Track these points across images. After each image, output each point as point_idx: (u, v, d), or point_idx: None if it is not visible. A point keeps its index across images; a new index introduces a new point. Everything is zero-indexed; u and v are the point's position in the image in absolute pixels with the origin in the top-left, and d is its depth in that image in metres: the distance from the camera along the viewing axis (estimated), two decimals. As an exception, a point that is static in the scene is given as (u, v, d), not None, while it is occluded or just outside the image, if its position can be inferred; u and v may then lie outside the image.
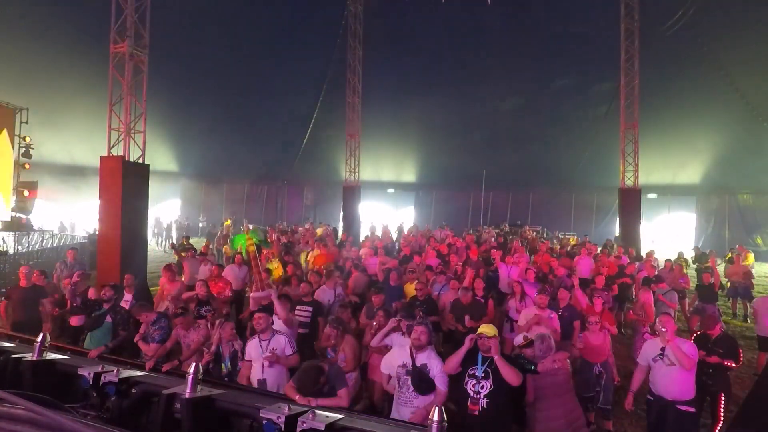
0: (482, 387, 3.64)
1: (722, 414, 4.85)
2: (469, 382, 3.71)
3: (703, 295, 8.50)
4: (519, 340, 4.57)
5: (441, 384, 3.78)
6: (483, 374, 3.67)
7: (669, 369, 4.22)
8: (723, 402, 4.87)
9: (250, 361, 4.39)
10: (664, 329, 4.27)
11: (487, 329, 3.83)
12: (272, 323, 4.59)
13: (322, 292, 6.71)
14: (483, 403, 3.60)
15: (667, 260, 10.90)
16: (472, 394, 3.65)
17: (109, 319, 5.67)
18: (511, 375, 3.54)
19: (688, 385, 4.23)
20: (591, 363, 5.16)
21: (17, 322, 6.28)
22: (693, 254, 13.51)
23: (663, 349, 4.29)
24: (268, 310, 4.78)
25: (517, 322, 6.00)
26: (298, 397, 3.30)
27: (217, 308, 6.26)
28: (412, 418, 3.60)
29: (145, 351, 5.13)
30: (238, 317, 7.32)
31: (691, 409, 4.20)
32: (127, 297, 6.56)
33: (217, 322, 4.94)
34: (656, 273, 9.10)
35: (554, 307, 5.93)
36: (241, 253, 7.84)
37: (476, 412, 3.60)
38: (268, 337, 4.36)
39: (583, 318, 6.17)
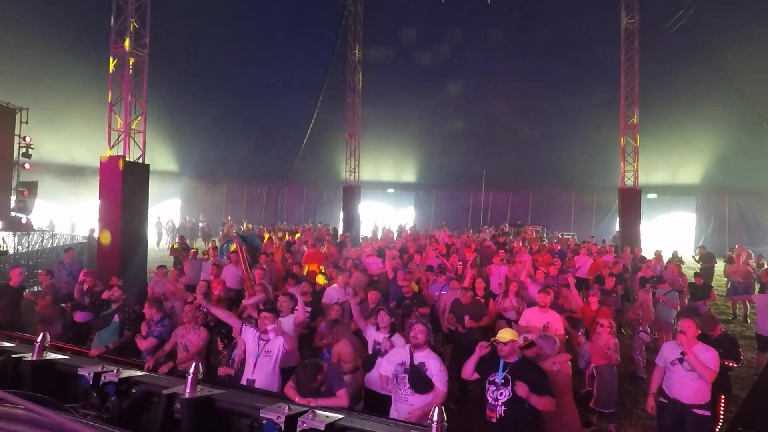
0: (501, 394, 3.56)
1: (722, 414, 4.85)
2: (490, 388, 3.65)
3: (695, 294, 8.63)
4: (519, 341, 4.56)
5: (439, 383, 3.76)
6: (502, 381, 3.59)
7: (687, 374, 4.11)
8: (723, 402, 4.86)
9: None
10: (682, 332, 4.12)
11: (503, 334, 3.74)
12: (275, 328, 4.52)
13: (333, 290, 6.68)
14: (500, 410, 3.52)
15: (669, 261, 10.93)
16: (490, 401, 3.59)
17: (117, 318, 5.69)
18: (544, 405, 3.47)
19: (704, 389, 4.15)
20: (589, 363, 5.18)
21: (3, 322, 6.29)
22: (698, 254, 13.48)
23: (683, 353, 4.17)
24: (275, 311, 4.75)
25: (517, 323, 6.00)
26: (297, 397, 3.30)
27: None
28: (408, 419, 3.57)
29: (140, 345, 5.11)
30: None
31: (707, 413, 4.13)
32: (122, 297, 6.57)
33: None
34: (652, 274, 9.16)
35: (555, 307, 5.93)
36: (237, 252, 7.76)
37: (493, 420, 3.53)
38: (268, 338, 4.30)
39: (573, 317, 6.16)
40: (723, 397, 4.87)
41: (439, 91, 20.94)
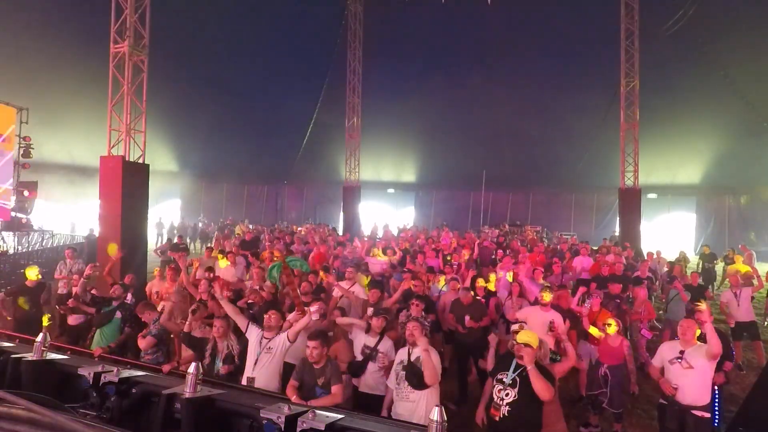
0: (507, 394, 3.54)
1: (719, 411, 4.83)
2: (496, 386, 3.63)
3: (692, 293, 8.60)
4: (515, 328, 4.57)
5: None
6: (510, 382, 3.56)
7: (686, 372, 4.12)
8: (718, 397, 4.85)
9: None
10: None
11: (522, 336, 3.63)
12: (282, 327, 4.49)
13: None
14: (504, 410, 3.50)
15: (675, 262, 10.91)
16: (495, 399, 3.58)
17: (118, 315, 5.71)
18: (542, 388, 3.38)
19: (703, 389, 4.13)
20: (600, 363, 5.18)
21: (19, 319, 6.38)
22: (701, 253, 13.43)
23: (682, 352, 4.19)
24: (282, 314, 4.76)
25: (515, 323, 5.98)
26: (295, 397, 3.30)
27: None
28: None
29: (140, 344, 5.12)
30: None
31: (707, 415, 4.11)
32: (128, 297, 6.60)
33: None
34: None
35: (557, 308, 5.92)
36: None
37: (496, 418, 3.54)
38: (271, 336, 4.30)
39: (572, 318, 6.15)
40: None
41: (439, 91, 20.91)
